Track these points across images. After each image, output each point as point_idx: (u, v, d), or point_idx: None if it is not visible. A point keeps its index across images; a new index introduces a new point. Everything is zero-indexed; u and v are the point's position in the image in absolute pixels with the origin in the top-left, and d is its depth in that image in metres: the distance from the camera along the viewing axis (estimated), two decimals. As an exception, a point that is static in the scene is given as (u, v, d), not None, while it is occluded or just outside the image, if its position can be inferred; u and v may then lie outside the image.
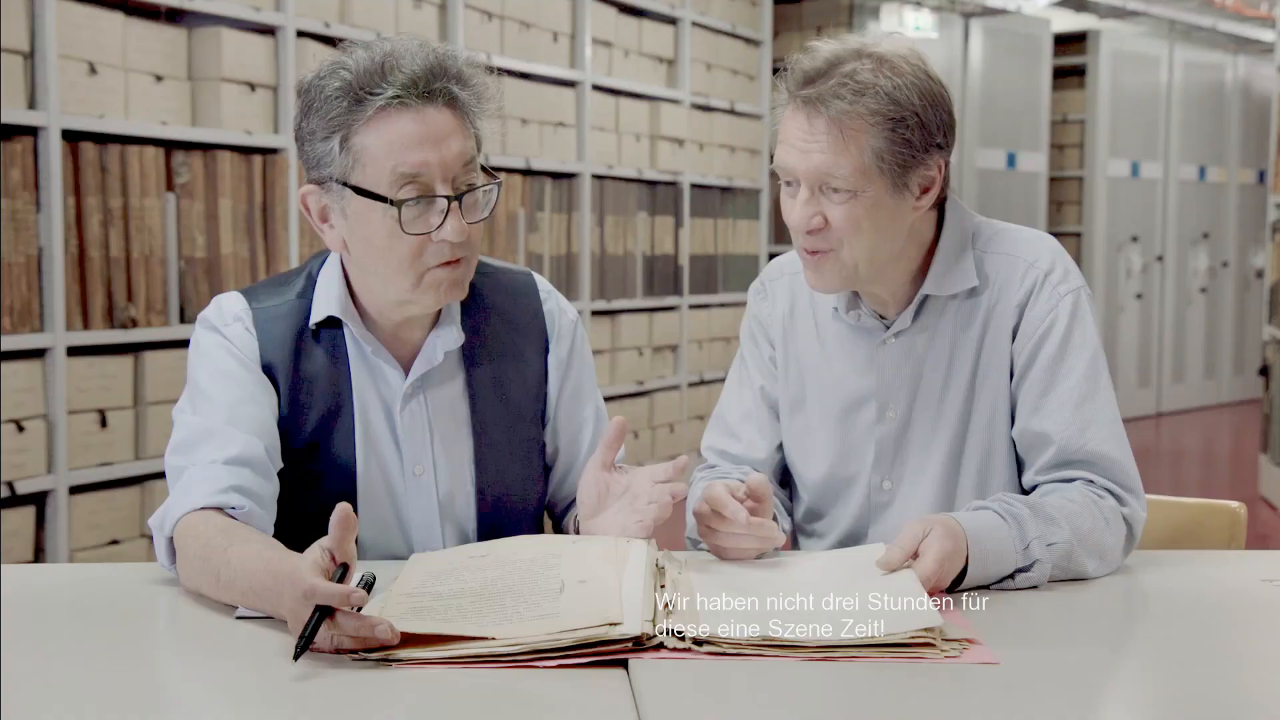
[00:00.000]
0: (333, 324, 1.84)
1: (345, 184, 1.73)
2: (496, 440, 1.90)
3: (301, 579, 1.41)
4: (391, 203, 1.71)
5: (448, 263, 1.75)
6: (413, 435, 1.85)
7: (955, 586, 1.66)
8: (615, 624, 1.40)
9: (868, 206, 1.77)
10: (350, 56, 1.73)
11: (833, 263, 1.81)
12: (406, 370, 1.85)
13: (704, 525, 1.75)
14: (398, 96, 1.69)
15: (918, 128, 1.76)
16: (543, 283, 1.99)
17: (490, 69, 1.81)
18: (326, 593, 1.39)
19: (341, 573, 1.44)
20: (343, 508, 1.45)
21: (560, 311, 1.98)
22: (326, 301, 1.83)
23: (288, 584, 1.43)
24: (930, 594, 1.55)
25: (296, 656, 1.38)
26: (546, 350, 1.95)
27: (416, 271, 1.75)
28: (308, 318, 1.83)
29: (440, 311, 1.86)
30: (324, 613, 1.38)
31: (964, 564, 1.65)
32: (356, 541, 1.83)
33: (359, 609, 1.40)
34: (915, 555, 1.62)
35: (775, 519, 1.80)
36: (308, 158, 1.76)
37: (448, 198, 1.72)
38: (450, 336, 1.86)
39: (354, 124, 1.71)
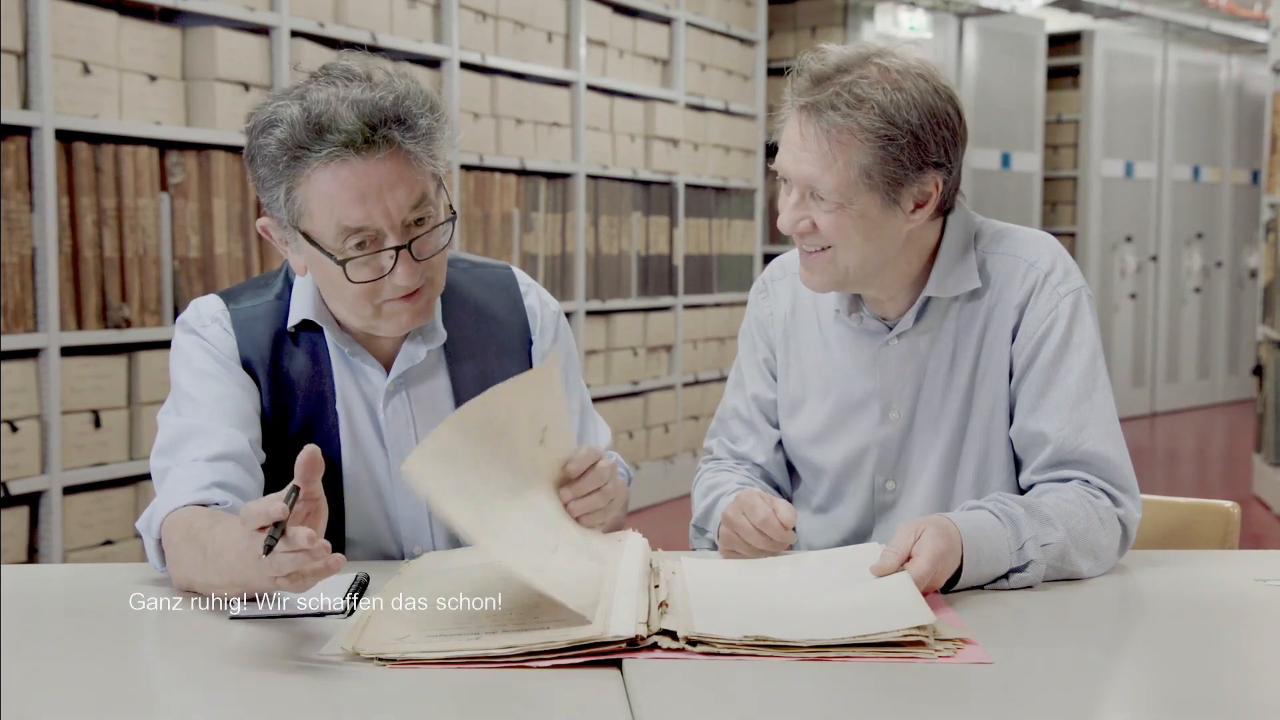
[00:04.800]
0: (312, 325, 1.84)
1: (296, 228, 1.73)
2: None
3: (245, 511, 1.44)
4: (336, 260, 1.71)
5: (407, 296, 1.75)
6: (396, 432, 1.86)
7: (950, 587, 1.66)
8: (598, 638, 1.39)
9: (855, 217, 1.76)
10: (287, 109, 1.69)
11: (825, 263, 1.81)
12: (388, 368, 1.86)
13: (730, 530, 1.79)
14: (335, 154, 1.67)
15: (911, 146, 1.74)
16: (522, 276, 2.00)
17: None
18: (255, 512, 1.41)
19: (293, 496, 1.44)
20: (310, 449, 1.46)
21: (542, 304, 1.98)
22: (302, 306, 1.84)
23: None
24: (924, 594, 1.55)
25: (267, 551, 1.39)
26: (530, 343, 1.96)
27: (373, 305, 1.76)
28: (286, 318, 1.84)
29: None
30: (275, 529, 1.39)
31: (958, 564, 1.65)
32: (346, 540, 1.85)
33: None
34: (909, 557, 1.62)
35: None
36: (261, 195, 1.75)
37: (394, 248, 1.70)
38: (431, 336, 1.86)
39: (295, 179, 1.70)
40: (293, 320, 1.83)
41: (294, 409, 1.83)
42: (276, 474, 1.80)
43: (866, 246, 1.79)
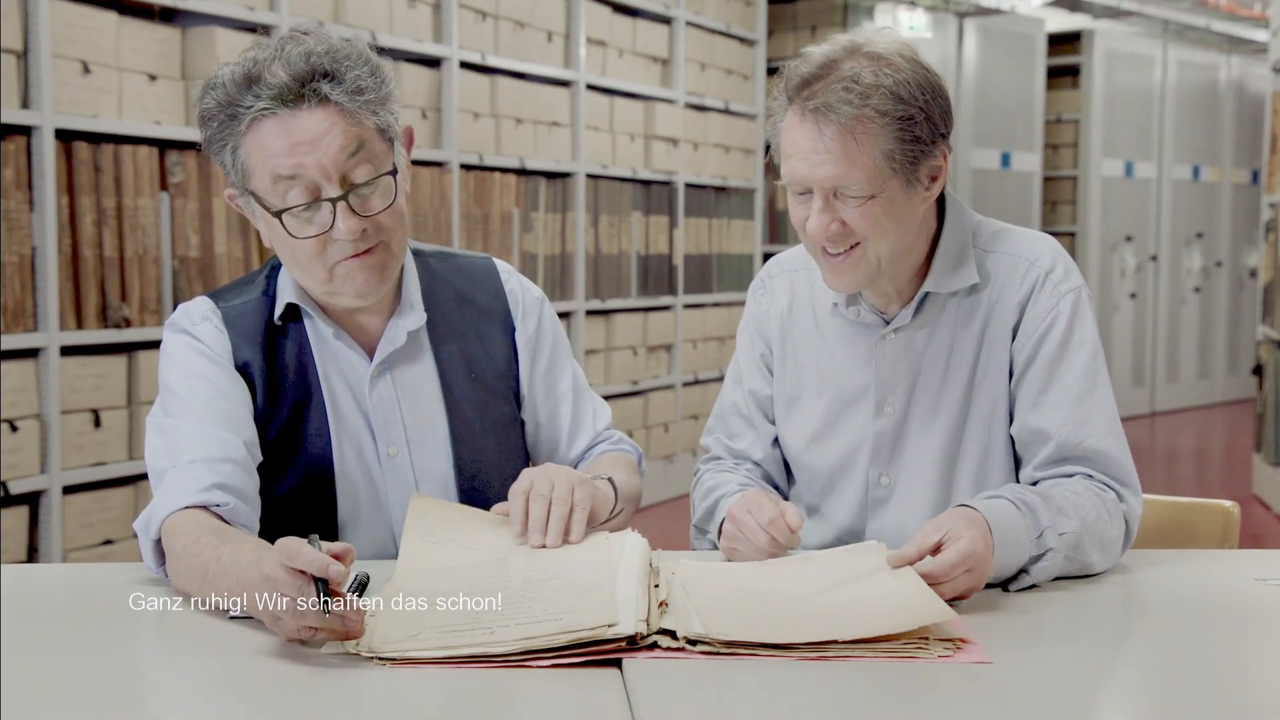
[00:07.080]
0: (296, 316, 1.86)
1: (247, 190, 1.75)
2: (470, 417, 1.91)
3: (284, 545, 1.40)
4: (274, 213, 1.72)
5: (357, 254, 1.75)
6: (383, 416, 1.87)
7: None
8: (611, 625, 1.40)
9: (884, 205, 1.77)
10: (227, 70, 1.74)
11: (856, 260, 1.81)
12: (371, 354, 1.87)
13: (735, 527, 1.77)
14: (266, 108, 1.70)
15: (925, 122, 1.76)
16: (504, 265, 2.02)
17: (378, 49, 1.79)
18: (309, 557, 1.37)
19: (317, 544, 1.43)
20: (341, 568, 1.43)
21: (523, 290, 2.00)
22: (286, 293, 1.85)
23: (270, 555, 1.42)
24: (961, 597, 1.57)
25: (326, 611, 1.36)
26: (513, 329, 1.97)
27: (325, 266, 1.76)
28: (273, 313, 1.85)
29: (399, 298, 1.88)
30: (322, 585, 1.37)
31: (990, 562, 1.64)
32: (338, 528, 1.85)
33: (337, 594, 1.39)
34: (936, 549, 1.60)
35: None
36: (217, 162, 1.79)
37: (331, 200, 1.72)
38: (411, 319, 1.87)
39: (235, 137, 1.73)
40: (279, 308, 1.85)
41: (284, 400, 1.84)
42: (267, 465, 1.81)
43: (896, 232, 1.79)
